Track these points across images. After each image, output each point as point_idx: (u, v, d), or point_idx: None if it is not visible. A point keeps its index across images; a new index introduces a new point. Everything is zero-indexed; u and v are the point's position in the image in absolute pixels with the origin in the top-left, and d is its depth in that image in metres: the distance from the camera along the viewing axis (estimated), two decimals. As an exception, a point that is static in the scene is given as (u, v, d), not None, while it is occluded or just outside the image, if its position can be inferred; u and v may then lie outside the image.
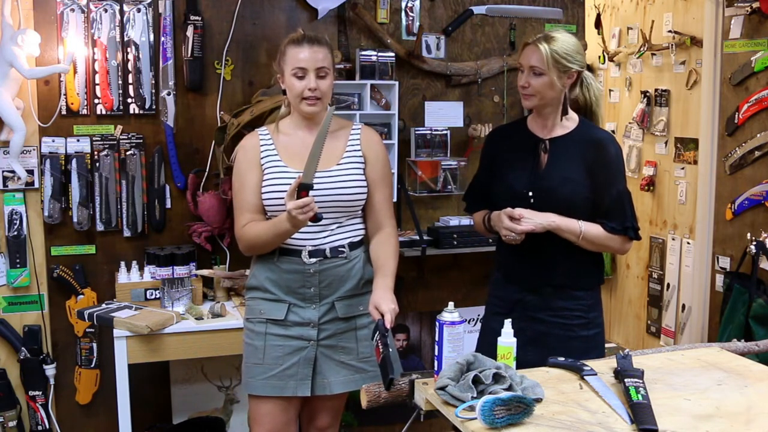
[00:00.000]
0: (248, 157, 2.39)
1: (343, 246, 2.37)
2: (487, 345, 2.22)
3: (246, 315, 2.46)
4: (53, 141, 3.07)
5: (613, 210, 2.35)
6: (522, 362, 1.97)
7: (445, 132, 3.53)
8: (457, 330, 1.88)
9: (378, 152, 2.45)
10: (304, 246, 2.34)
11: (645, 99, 4.12)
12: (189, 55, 3.15)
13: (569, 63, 2.32)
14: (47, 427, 3.14)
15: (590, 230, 2.33)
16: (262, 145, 2.39)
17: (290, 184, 2.27)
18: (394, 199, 3.40)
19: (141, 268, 3.12)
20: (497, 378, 1.75)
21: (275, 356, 2.36)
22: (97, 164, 3.12)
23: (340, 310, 2.38)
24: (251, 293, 2.44)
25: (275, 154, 2.37)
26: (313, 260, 2.34)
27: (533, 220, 2.30)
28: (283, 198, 2.25)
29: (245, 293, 2.50)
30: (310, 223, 2.21)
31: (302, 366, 2.36)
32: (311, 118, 2.37)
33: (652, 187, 4.12)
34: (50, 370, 3.13)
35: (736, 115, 3.41)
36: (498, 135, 2.61)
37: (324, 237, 2.35)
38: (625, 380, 1.82)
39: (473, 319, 3.54)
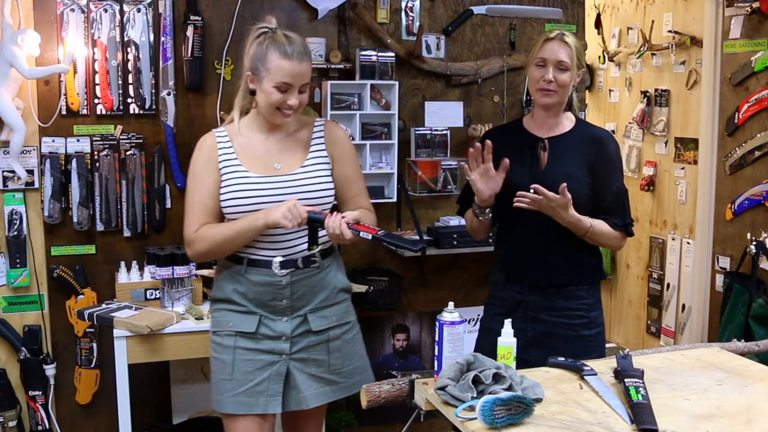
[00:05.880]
0: (205, 157, 2.25)
1: (315, 255, 2.24)
2: (487, 345, 2.22)
3: (212, 328, 2.32)
4: (53, 141, 3.07)
5: (614, 207, 2.37)
6: (524, 363, 1.97)
7: (445, 132, 3.53)
8: (457, 330, 1.88)
9: (344, 148, 2.34)
10: (274, 257, 2.22)
11: (645, 99, 4.12)
12: (189, 55, 3.15)
13: (582, 61, 2.39)
14: (47, 427, 3.14)
15: (597, 226, 2.33)
16: (219, 147, 2.26)
17: (250, 187, 2.20)
18: (394, 199, 3.44)
19: (141, 268, 3.12)
20: (497, 378, 1.75)
21: (245, 371, 2.23)
22: (97, 164, 3.12)
23: (313, 323, 2.27)
24: (218, 305, 2.31)
25: (234, 157, 2.24)
26: (285, 272, 2.22)
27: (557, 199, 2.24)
28: (242, 202, 2.19)
29: (210, 305, 2.37)
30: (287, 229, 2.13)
31: (273, 381, 2.24)
32: (280, 125, 2.28)
33: (652, 187, 4.11)
34: (50, 370, 3.13)
35: (736, 115, 3.41)
36: (493, 136, 2.54)
37: (294, 246, 2.24)
38: (625, 380, 1.82)
39: (473, 319, 3.54)
